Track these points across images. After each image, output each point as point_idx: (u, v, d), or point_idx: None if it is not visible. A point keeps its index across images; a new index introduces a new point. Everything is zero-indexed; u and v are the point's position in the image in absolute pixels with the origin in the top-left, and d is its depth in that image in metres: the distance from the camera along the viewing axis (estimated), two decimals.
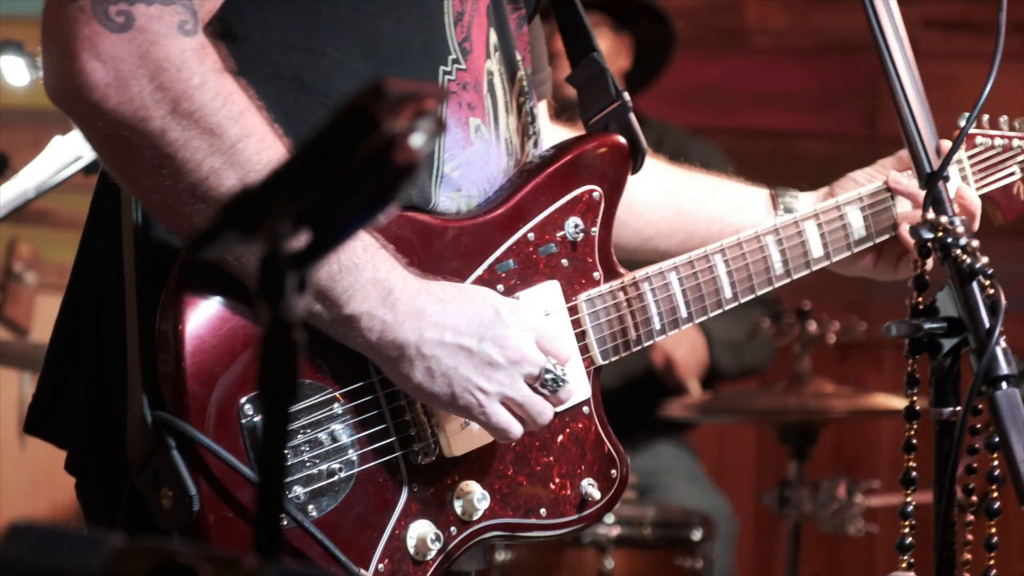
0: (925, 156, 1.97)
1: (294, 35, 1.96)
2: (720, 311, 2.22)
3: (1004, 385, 1.86)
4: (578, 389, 2.08)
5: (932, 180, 1.94)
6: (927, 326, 1.92)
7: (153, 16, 1.81)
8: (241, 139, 1.84)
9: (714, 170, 4.17)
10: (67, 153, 3.03)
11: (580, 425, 2.10)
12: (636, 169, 2.18)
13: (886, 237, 2.34)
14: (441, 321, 1.96)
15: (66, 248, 2.15)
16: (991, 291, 1.90)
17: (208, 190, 1.84)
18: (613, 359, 2.13)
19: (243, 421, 1.91)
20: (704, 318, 2.20)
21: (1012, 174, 2.48)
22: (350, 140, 1.19)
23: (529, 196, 2.10)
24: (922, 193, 2.25)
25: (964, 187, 2.36)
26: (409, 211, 1.99)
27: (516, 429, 2.00)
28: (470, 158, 2.06)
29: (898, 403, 3.59)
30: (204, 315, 1.91)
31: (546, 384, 2.01)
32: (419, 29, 2.02)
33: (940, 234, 1.91)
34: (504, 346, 1.98)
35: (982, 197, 2.42)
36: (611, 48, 4.15)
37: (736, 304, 2.23)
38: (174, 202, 1.85)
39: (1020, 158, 2.47)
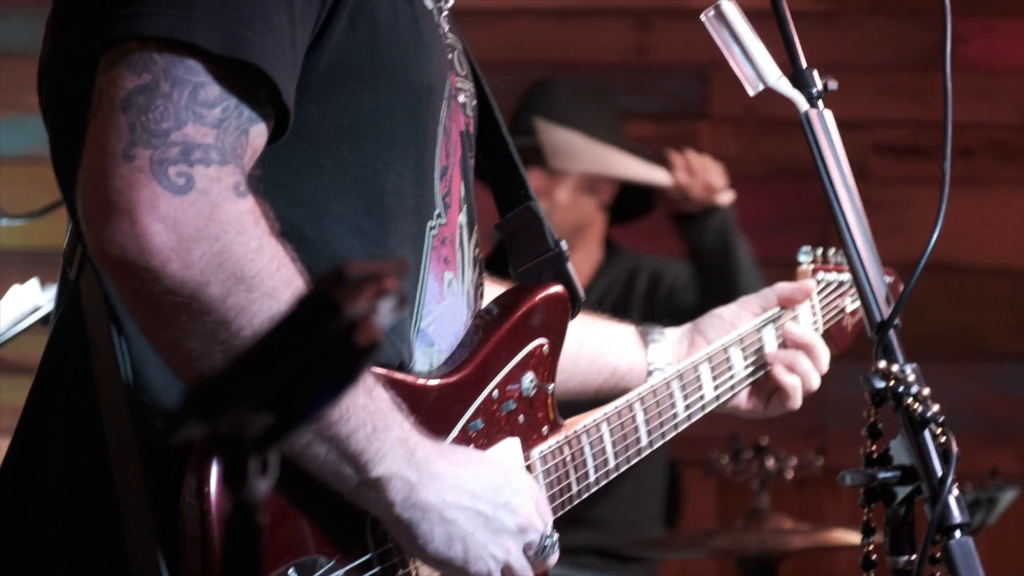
0: (876, 306, 1.98)
1: (297, 191, 1.94)
2: (638, 459, 2.24)
3: (958, 534, 1.87)
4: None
5: (883, 329, 1.96)
6: (881, 475, 1.94)
7: (212, 178, 1.78)
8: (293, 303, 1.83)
9: (687, 291, 4.21)
10: (25, 303, 3.01)
11: None
12: (573, 316, 2.20)
13: (760, 375, 2.38)
14: (460, 485, 1.94)
15: (20, 392, 2.11)
16: (943, 439, 1.92)
17: None
18: (558, 514, 2.11)
19: None
20: (626, 467, 2.22)
21: (843, 308, 2.54)
22: (314, 325, 1.21)
23: (492, 353, 2.10)
24: (802, 334, 2.39)
25: (821, 329, 2.45)
26: (393, 371, 1.98)
27: None
28: (443, 313, 2.07)
29: (855, 537, 3.60)
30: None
31: (539, 552, 2.01)
32: (415, 184, 2.02)
33: (892, 383, 1.93)
34: (515, 512, 1.98)
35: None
36: (590, 183, 4.18)
37: (649, 451, 2.26)
38: (220, 363, 1.79)
39: (850, 291, 2.52)
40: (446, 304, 2.07)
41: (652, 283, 4.29)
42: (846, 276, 2.52)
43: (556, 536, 2.02)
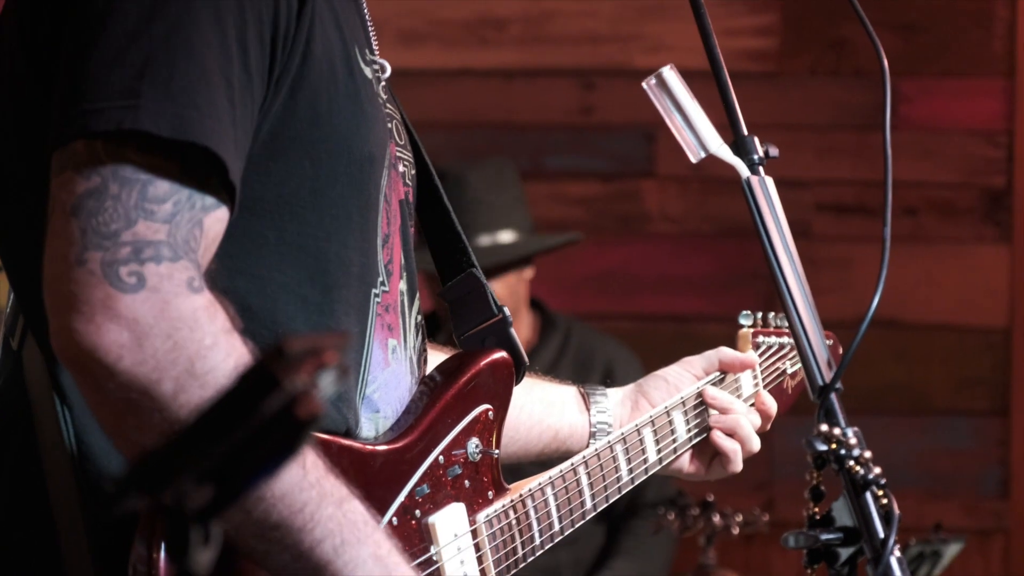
0: (817, 369, 1.99)
1: (240, 261, 1.94)
2: (583, 522, 2.25)
3: None
4: None
5: (824, 393, 1.97)
6: (823, 537, 1.94)
7: (163, 275, 1.79)
8: None
9: (619, 369, 4.21)
10: None
11: None
12: (518, 381, 2.21)
13: (701, 439, 2.40)
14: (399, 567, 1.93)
15: None
16: (885, 501, 1.92)
17: None
18: None
19: None
20: (571, 531, 2.23)
21: (784, 371, 2.57)
22: (253, 400, 1.21)
23: (437, 419, 2.11)
24: (730, 402, 2.39)
25: (763, 392, 2.47)
26: (339, 437, 1.97)
27: None
28: (387, 379, 2.07)
29: None
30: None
31: None
32: (359, 252, 2.02)
33: (834, 446, 1.93)
34: None
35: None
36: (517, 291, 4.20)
37: (593, 514, 2.27)
38: None
39: (790, 354, 2.56)
40: (391, 371, 2.07)
41: (581, 353, 4.29)
42: (787, 339, 2.55)
43: None
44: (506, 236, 4.16)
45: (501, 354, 2.19)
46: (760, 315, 2.53)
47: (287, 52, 1.91)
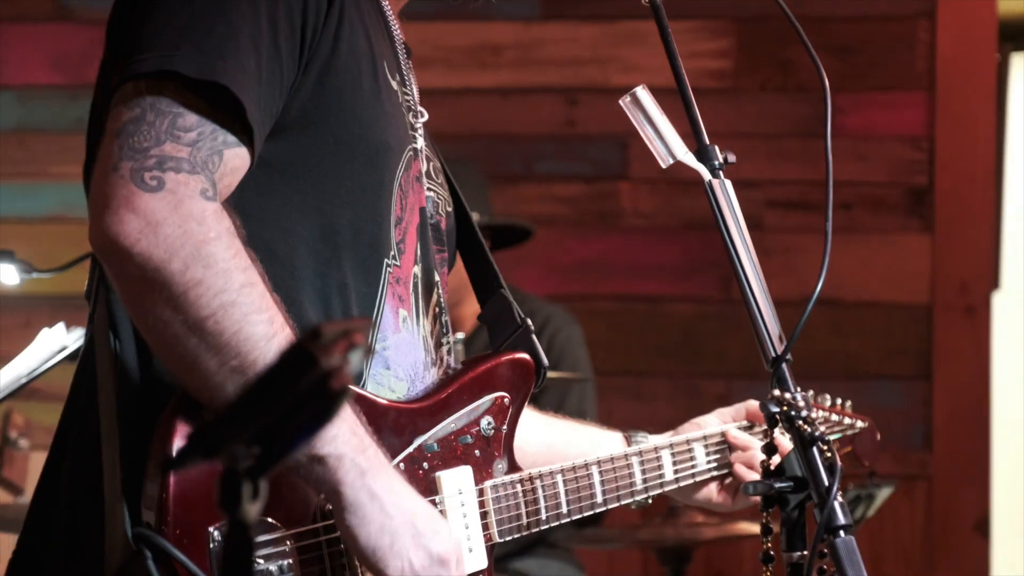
0: (770, 343, 1.98)
1: (269, 213, 1.97)
2: (592, 512, 2.22)
3: (842, 533, 1.88)
4: (478, 560, 2.06)
5: (776, 363, 1.96)
6: (777, 485, 1.94)
7: (180, 182, 1.84)
8: (246, 286, 1.85)
9: (551, 322, 4.16)
10: (54, 344, 3.00)
11: None
12: (539, 382, 2.19)
13: (724, 473, 2.37)
14: (404, 496, 1.92)
15: (53, 414, 2.15)
16: (828, 455, 1.92)
17: (213, 324, 1.84)
18: (507, 539, 2.11)
19: (211, 545, 1.87)
20: (579, 516, 2.20)
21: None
22: (294, 375, 1.21)
23: (455, 394, 2.10)
24: (748, 441, 2.36)
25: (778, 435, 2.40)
26: (356, 389, 1.97)
27: None
28: (399, 343, 2.06)
29: (755, 528, 3.60)
30: None
31: None
32: (371, 223, 2.03)
33: (785, 408, 1.93)
34: (441, 545, 1.93)
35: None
36: None
37: (604, 509, 2.24)
38: (180, 335, 1.84)
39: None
40: (401, 337, 2.06)
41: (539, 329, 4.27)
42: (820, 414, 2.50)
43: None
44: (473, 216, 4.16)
45: (523, 355, 2.17)
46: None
47: (316, 42, 1.96)
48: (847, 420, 2.53)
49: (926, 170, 4.84)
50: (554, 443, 2.34)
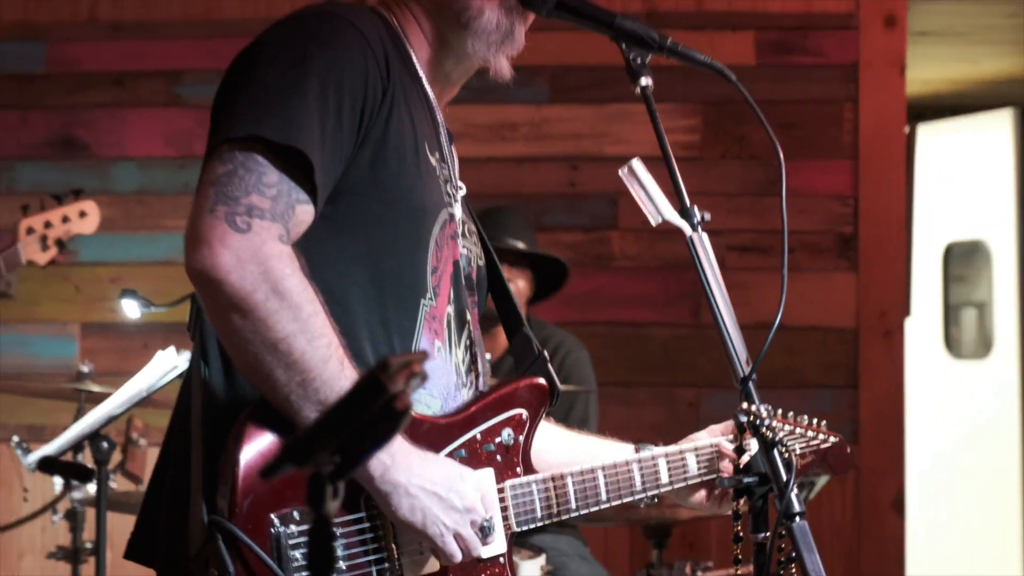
0: (739, 364, 1.95)
1: (328, 259, 1.95)
2: (598, 508, 2.16)
3: (798, 519, 1.85)
4: (499, 544, 2.02)
5: (744, 382, 1.93)
6: (745, 480, 1.91)
7: (264, 227, 1.82)
8: (312, 315, 1.83)
9: (562, 347, 4.10)
10: (167, 363, 2.98)
11: (497, 570, 2.03)
12: (553, 402, 2.15)
13: (712, 478, 2.29)
14: (422, 473, 1.91)
15: (165, 418, 2.13)
16: (786, 455, 1.89)
17: (285, 346, 1.82)
18: (524, 528, 2.07)
19: (271, 530, 1.86)
20: (586, 512, 2.14)
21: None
22: (367, 398, 1.18)
23: (481, 410, 2.07)
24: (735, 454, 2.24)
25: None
26: None
27: (458, 555, 1.95)
28: (432, 368, 2.03)
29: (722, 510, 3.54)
30: (256, 451, 1.88)
31: (482, 529, 1.96)
32: (410, 271, 2.00)
33: (751, 418, 1.91)
34: (463, 497, 1.93)
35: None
36: (523, 288, 4.12)
37: (608, 506, 2.18)
38: (259, 352, 1.82)
39: (797, 438, 2.42)
40: (435, 363, 2.03)
41: (554, 350, 4.20)
42: (797, 431, 2.43)
43: (493, 520, 1.97)
44: (520, 244, 4.11)
45: (540, 380, 2.13)
46: (779, 411, 2.36)
47: (370, 123, 1.94)
48: (820, 436, 2.45)
49: (852, 221, 4.81)
50: (575, 452, 2.27)
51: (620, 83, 2.10)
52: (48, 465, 2.63)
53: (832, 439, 2.48)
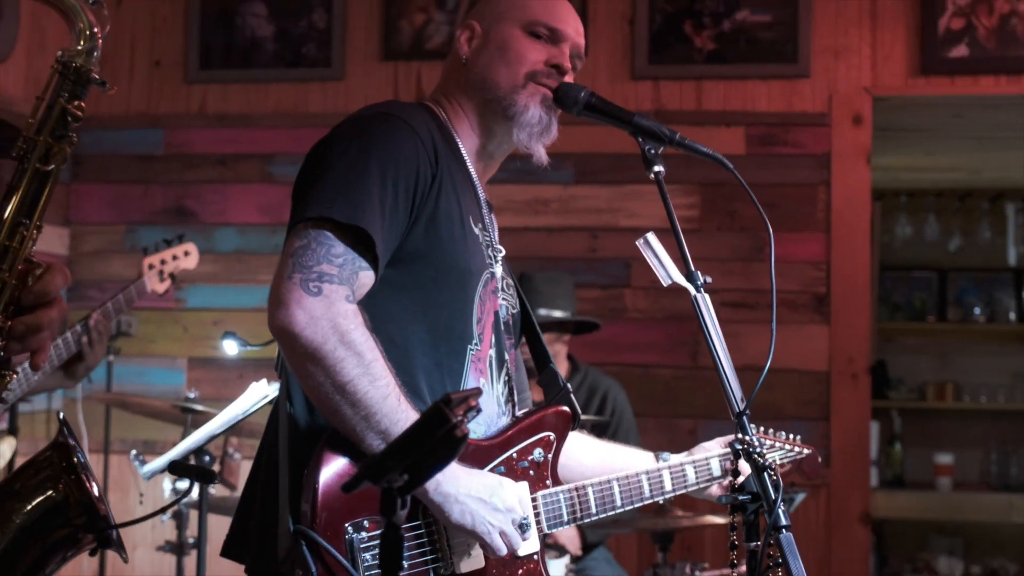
0: (735, 401, 1.94)
1: (391, 315, 1.94)
2: (614, 513, 2.14)
3: (784, 531, 1.83)
4: (533, 543, 2.02)
5: (739, 416, 1.92)
6: (740, 497, 1.89)
7: (333, 290, 1.82)
8: (374, 361, 1.83)
9: (610, 393, 4.09)
10: (259, 393, 2.98)
11: (531, 566, 2.03)
12: (575, 426, 2.14)
13: (718, 479, 2.28)
14: (468, 484, 1.91)
15: (255, 437, 2.13)
16: (774, 478, 1.87)
17: (352, 387, 1.82)
18: (553, 530, 2.06)
19: (346, 536, 1.85)
20: (604, 516, 2.13)
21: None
22: (433, 427, 1.18)
23: (516, 433, 2.07)
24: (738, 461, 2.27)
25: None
26: None
27: (503, 549, 1.94)
28: (480, 401, 2.03)
29: (719, 520, 3.52)
30: (332, 471, 1.88)
31: (521, 527, 1.96)
32: (459, 322, 2.00)
33: (745, 447, 1.89)
34: (504, 500, 1.93)
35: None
36: (560, 351, 4.11)
37: (621, 511, 2.16)
38: (329, 393, 1.82)
39: (776, 451, 2.40)
40: (481, 397, 2.03)
41: (602, 398, 4.17)
42: (777, 445, 2.41)
43: (529, 518, 1.96)
44: (559, 313, 4.10)
45: (564, 408, 2.13)
46: (762, 428, 2.37)
47: (422, 203, 1.95)
48: (796, 448, 2.44)
49: (825, 283, 4.78)
50: (605, 459, 2.27)
51: (633, 168, 2.11)
52: (177, 468, 2.63)
53: (806, 451, 2.47)
